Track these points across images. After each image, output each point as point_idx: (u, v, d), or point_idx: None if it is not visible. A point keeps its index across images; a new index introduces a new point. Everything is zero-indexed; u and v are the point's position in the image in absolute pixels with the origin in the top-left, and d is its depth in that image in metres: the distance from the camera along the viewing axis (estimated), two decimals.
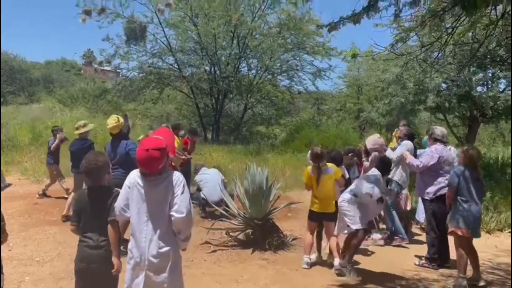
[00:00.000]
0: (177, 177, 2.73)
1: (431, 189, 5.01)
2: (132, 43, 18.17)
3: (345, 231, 4.64)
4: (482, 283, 4.31)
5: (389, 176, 5.68)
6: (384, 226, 6.23)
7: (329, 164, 4.91)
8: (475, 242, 4.44)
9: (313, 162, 4.87)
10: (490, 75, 12.29)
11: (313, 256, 5.07)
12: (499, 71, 11.69)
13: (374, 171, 4.76)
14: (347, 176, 5.33)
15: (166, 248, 2.67)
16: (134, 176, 2.75)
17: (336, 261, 4.67)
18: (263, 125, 23.53)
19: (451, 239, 4.64)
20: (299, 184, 8.37)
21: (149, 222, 2.67)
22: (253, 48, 18.38)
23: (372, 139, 5.74)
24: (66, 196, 7.43)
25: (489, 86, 12.43)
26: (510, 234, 6.48)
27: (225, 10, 16.80)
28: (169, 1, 14.63)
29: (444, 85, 12.52)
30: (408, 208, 6.43)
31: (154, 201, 2.68)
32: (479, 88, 12.44)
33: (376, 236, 5.87)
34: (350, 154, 6.00)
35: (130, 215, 2.72)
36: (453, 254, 4.70)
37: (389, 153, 5.75)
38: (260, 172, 5.83)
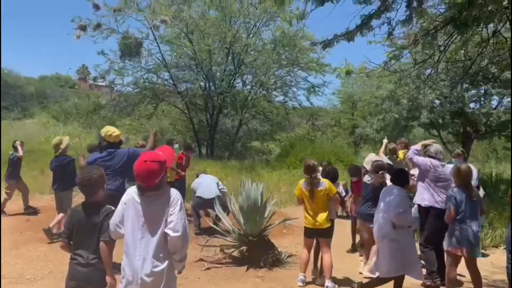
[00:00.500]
0: (174, 194, 2.69)
1: (426, 197, 5.03)
2: (127, 58, 18.24)
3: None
4: None
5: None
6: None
7: (323, 180, 4.83)
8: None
9: (306, 175, 4.77)
10: (482, 92, 12.46)
11: (309, 275, 4.99)
12: (491, 88, 11.86)
13: (393, 191, 4.34)
14: (343, 194, 5.25)
15: (160, 267, 2.60)
16: (132, 192, 2.71)
17: (327, 283, 4.59)
18: (257, 140, 23.55)
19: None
20: (294, 200, 8.28)
21: (144, 240, 2.61)
22: (248, 64, 18.54)
23: (370, 160, 5.75)
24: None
25: (482, 103, 12.58)
26: (505, 250, 6.44)
27: (220, 27, 16.96)
28: (165, 17, 14.77)
29: (437, 102, 12.66)
30: None
31: (150, 218, 2.63)
32: (472, 105, 12.62)
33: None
34: (380, 172, 5.13)
35: (124, 232, 2.67)
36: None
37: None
38: (255, 188, 5.80)
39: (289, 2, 4.82)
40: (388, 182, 4.84)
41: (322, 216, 4.69)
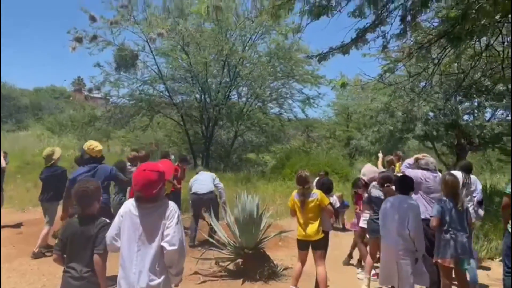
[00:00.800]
0: (172, 207, 2.68)
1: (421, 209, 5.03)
2: (122, 70, 18.26)
3: None
4: None
5: None
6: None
7: (315, 190, 4.81)
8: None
9: (298, 185, 4.75)
10: (476, 104, 12.57)
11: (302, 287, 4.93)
12: (484, 101, 11.98)
13: (404, 200, 4.26)
14: (337, 205, 5.18)
15: (156, 281, 2.57)
16: (129, 204, 2.70)
17: None
18: (253, 152, 23.55)
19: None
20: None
21: (140, 253, 2.59)
22: (243, 76, 18.62)
23: (367, 170, 5.75)
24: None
25: (475, 115, 12.69)
26: (501, 262, 6.44)
27: (217, 40, 17.08)
28: (161, 30, 14.87)
29: (431, 114, 12.76)
30: None
31: (147, 231, 2.61)
32: (465, 117, 12.71)
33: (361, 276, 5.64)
34: (386, 185, 4.97)
35: (121, 245, 2.65)
36: None
37: None
38: (251, 200, 5.78)
39: (285, 16, 4.86)
40: None
41: (312, 227, 4.64)
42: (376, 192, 5.25)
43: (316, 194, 4.70)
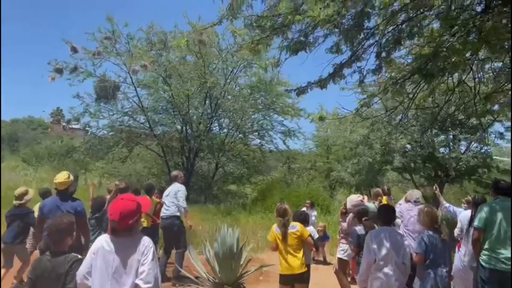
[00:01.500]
0: (147, 242, 2.61)
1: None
2: (103, 101, 18.17)
3: None
4: None
5: None
6: None
7: (295, 223, 4.78)
8: None
9: (278, 217, 4.72)
10: (451, 137, 12.93)
11: None
12: (459, 134, 12.34)
13: (394, 231, 4.17)
14: (316, 236, 5.13)
15: None
16: (101, 241, 2.62)
17: None
18: (234, 184, 23.41)
19: None
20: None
21: None
22: (225, 108, 18.77)
23: (350, 199, 5.79)
24: None
25: (451, 148, 13.02)
26: None
27: (199, 73, 17.29)
28: (145, 63, 14.97)
29: (409, 146, 13.04)
30: None
31: (120, 268, 2.53)
32: (442, 150, 13.03)
33: None
34: (364, 219, 5.03)
35: (92, 284, 2.55)
36: None
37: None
38: (231, 234, 5.70)
39: (265, 50, 4.97)
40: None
41: (296, 260, 4.59)
42: (359, 229, 5.20)
43: (296, 226, 4.69)
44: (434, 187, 7.39)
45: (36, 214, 5.31)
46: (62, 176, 4.95)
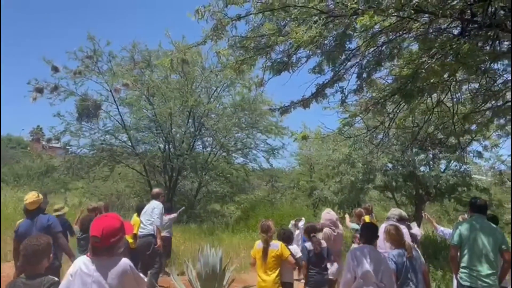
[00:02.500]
0: (127, 265, 2.55)
1: None
2: (84, 120, 17.93)
3: None
4: None
5: None
6: None
7: (276, 241, 4.80)
8: None
9: (262, 233, 4.76)
10: (431, 156, 13.16)
11: None
12: (439, 153, 12.58)
13: (374, 251, 4.03)
14: (298, 255, 5.06)
15: None
16: (80, 263, 2.54)
17: None
18: (217, 202, 23.22)
19: None
20: None
21: None
22: (208, 127, 18.76)
23: (323, 216, 5.84)
24: None
25: (431, 167, 13.24)
26: None
27: (182, 92, 17.30)
28: (127, 81, 14.91)
29: (390, 165, 13.21)
30: None
31: None
32: (422, 168, 13.23)
33: None
34: (312, 235, 5.28)
35: None
36: None
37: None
38: (214, 254, 5.63)
39: (249, 70, 5.04)
40: None
41: (271, 277, 4.59)
42: (309, 245, 5.29)
43: (277, 245, 4.71)
44: (424, 215, 7.53)
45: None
46: (31, 196, 4.91)
